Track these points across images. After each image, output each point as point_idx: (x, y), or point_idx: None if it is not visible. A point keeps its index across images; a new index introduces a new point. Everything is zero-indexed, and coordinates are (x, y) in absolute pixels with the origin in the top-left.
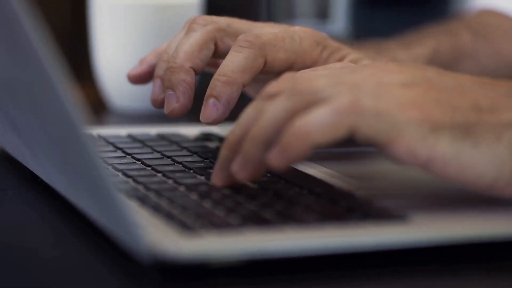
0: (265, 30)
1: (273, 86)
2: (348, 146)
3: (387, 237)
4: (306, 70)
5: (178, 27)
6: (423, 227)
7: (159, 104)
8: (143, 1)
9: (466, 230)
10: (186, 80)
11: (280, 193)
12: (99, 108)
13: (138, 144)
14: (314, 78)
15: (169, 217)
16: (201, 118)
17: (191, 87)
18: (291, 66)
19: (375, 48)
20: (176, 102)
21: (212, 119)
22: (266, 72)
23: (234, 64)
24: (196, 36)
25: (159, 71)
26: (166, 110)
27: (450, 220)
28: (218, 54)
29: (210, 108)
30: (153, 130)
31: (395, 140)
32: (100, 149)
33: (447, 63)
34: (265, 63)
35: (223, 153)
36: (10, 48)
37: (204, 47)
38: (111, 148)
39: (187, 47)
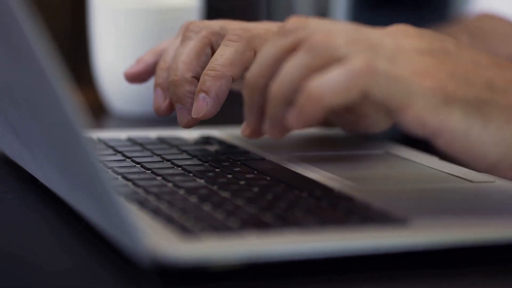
0: (261, 27)
1: (292, 22)
2: (356, 149)
3: (386, 240)
4: (322, 23)
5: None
6: (422, 231)
7: (162, 112)
8: (143, 4)
9: (465, 234)
10: (191, 90)
11: (279, 197)
12: (99, 111)
13: (138, 148)
14: (331, 34)
15: (168, 221)
16: (192, 113)
17: None
18: None
19: None
20: (188, 114)
21: (202, 113)
22: None
23: (222, 58)
24: (192, 45)
25: (158, 79)
26: (180, 123)
27: (449, 223)
28: None
29: (200, 102)
30: (152, 133)
31: (406, 107)
32: (100, 153)
33: None
34: (255, 55)
35: (246, 96)
36: (10, 52)
37: (201, 54)
38: (110, 151)
39: (185, 57)
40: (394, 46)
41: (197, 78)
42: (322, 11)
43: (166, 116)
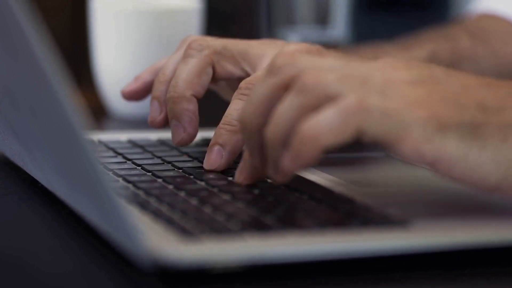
0: (261, 49)
1: (280, 59)
2: (356, 151)
3: (387, 243)
4: (311, 59)
5: (178, 33)
6: (423, 233)
7: (157, 124)
8: (144, 7)
9: (467, 236)
10: (189, 109)
11: (280, 199)
12: (99, 113)
13: (138, 150)
14: (322, 73)
15: (169, 223)
16: (204, 165)
17: (195, 115)
18: None
19: (373, 52)
20: (183, 132)
21: (216, 166)
22: None
23: (238, 112)
24: (194, 63)
25: (156, 92)
26: (174, 140)
27: (450, 225)
28: (216, 77)
29: (214, 155)
30: (153, 135)
31: (402, 139)
32: (100, 155)
33: (446, 66)
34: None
35: (245, 138)
36: (11, 54)
37: (202, 73)
38: (111, 153)
39: (186, 75)
40: (384, 79)
41: (196, 96)
42: (323, 13)
43: (160, 129)
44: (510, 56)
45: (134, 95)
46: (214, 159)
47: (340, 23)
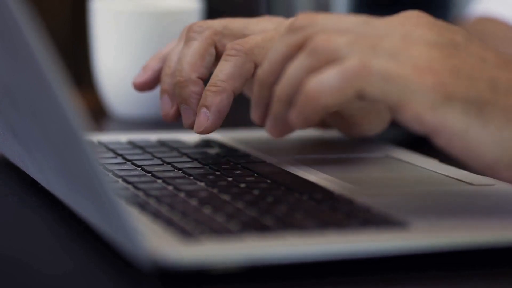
0: (260, 25)
1: (300, 19)
2: (357, 152)
3: (386, 243)
4: (330, 19)
5: (178, 34)
6: (422, 234)
7: (170, 118)
8: (144, 8)
9: (466, 237)
10: (196, 91)
11: (280, 199)
12: (99, 114)
13: (138, 151)
14: (334, 36)
15: (169, 223)
16: (194, 129)
17: None
18: None
19: None
20: (193, 115)
21: (203, 128)
22: None
23: (222, 73)
24: (196, 45)
25: (164, 85)
26: (185, 124)
27: (449, 226)
28: (220, 57)
29: (201, 117)
30: (153, 136)
31: (404, 105)
32: (100, 156)
33: None
34: (256, 66)
35: (255, 91)
36: (11, 55)
37: (205, 54)
38: (111, 154)
39: (189, 58)
40: (402, 37)
41: (202, 78)
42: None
43: (175, 121)
44: None
45: (146, 86)
46: (201, 121)
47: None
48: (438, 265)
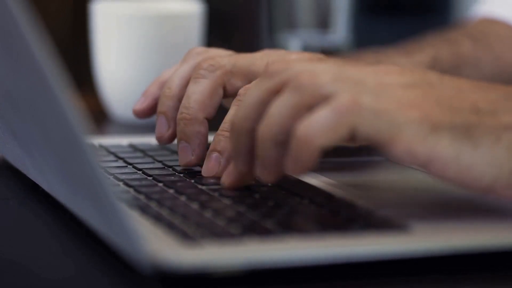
0: (265, 60)
1: (275, 65)
2: (357, 155)
3: (388, 247)
4: (306, 64)
5: (179, 38)
6: (424, 237)
7: (165, 141)
8: (145, 11)
9: (467, 240)
10: (201, 132)
11: (281, 203)
12: (100, 117)
13: (139, 154)
14: (317, 73)
15: (170, 227)
16: (203, 172)
17: (206, 138)
18: None
19: (375, 56)
20: (191, 154)
21: (214, 173)
22: None
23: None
24: (206, 85)
25: (163, 108)
26: (181, 162)
27: (451, 229)
28: (226, 95)
29: (213, 162)
30: (154, 139)
31: (395, 140)
32: (101, 159)
33: (447, 70)
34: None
35: (233, 140)
36: (12, 58)
37: (214, 94)
38: (112, 157)
39: (199, 96)
40: (378, 82)
41: (208, 118)
42: (324, 17)
43: (167, 144)
44: (511, 60)
45: (147, 113)
46: (212, 166)
47: (341, 27)
48: (439, 269)
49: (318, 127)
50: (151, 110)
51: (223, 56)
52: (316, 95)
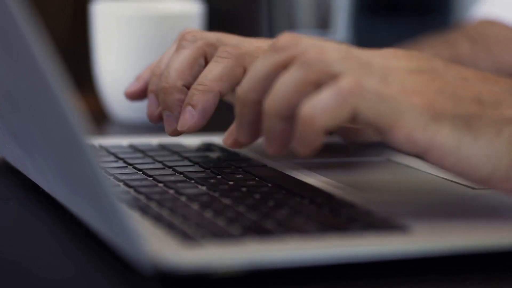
0: (254, 44)
1: (284, 39)
2: (358, 155)
3: (387, 247)
4: (315, 41)
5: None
6: (423, 237)
7: (155, 119)
8: (145, 12)
9: (466, 241)
10: (180, 99)
11: (281, 203)
12: (100, 118)
13: (139, 154)
14: (325, 50)
15: (170, 227)
16: (178, 127)
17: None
18: None
19: None
20: (176, 123)
21: (187, 126)
22: None
23: (211, 73)
24: (186, 53)
25: (152, 86)
26: (167, 131)
27: (450, 230)
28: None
29: (186, 116)
30: (154, 140)
31: (396, 125)
32: (101, 159)
33: None
34: (245, 73)
35: (237, 110)
36: (12, 59)
37: (194, 63)
38: (112, 158)
39: (178, 65)
40: (384, 65)
41: (187, 87)
42: (324, 17)
43: (159, 123)
44: (510, 62)
45: (137, 95)
46: (186, 119)
47: (341, 27)
48: (439, 269)
49: (321, 108)
50: (143, 93)
51: (209, 32)
52: (323, 72)
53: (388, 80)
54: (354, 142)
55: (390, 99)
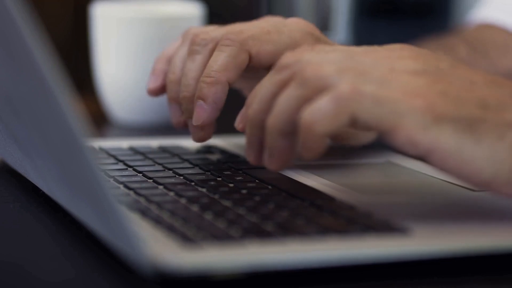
0: (258, 26)
1: (286, 58)
2: (358, 157)
3: (388, 249)
4: (318, 50)
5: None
6: (424, 240)
7: (183, 125)
8: (145, 14)
9: (467, 243)
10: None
11: (281, 205)
12: (100, 120)
13: (139, 157)
14: (322, 64)
15: (170, 229)
16: (193, 121)
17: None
18: None
19: None
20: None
21: (201, 120)
22: (255, 66)
23: (217, 64)
24: (200, 60)
25: (171, 94)
26: (193, 138)
27: (450, 232)
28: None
29: (198, 110)
30: (154, 142)
31: (396, 128)
32: (101, 162)
33: None
34: (250, 57)
35: (248, 131)
36: (12, 61)
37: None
38: (112, 160)
39: (195, 73)
40: (388, 69)
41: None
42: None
43: (186, 129)
44: (507, 67)
45: (160, 91)
46: (198, 113)
47: (341, 29)
48: (439, 271)
49: (319, 114)
50: (164, 87)
51: (215, 29)
52: (319, 87)
53: (388, 83)
54: (346, 146)
55: (389, 102)
